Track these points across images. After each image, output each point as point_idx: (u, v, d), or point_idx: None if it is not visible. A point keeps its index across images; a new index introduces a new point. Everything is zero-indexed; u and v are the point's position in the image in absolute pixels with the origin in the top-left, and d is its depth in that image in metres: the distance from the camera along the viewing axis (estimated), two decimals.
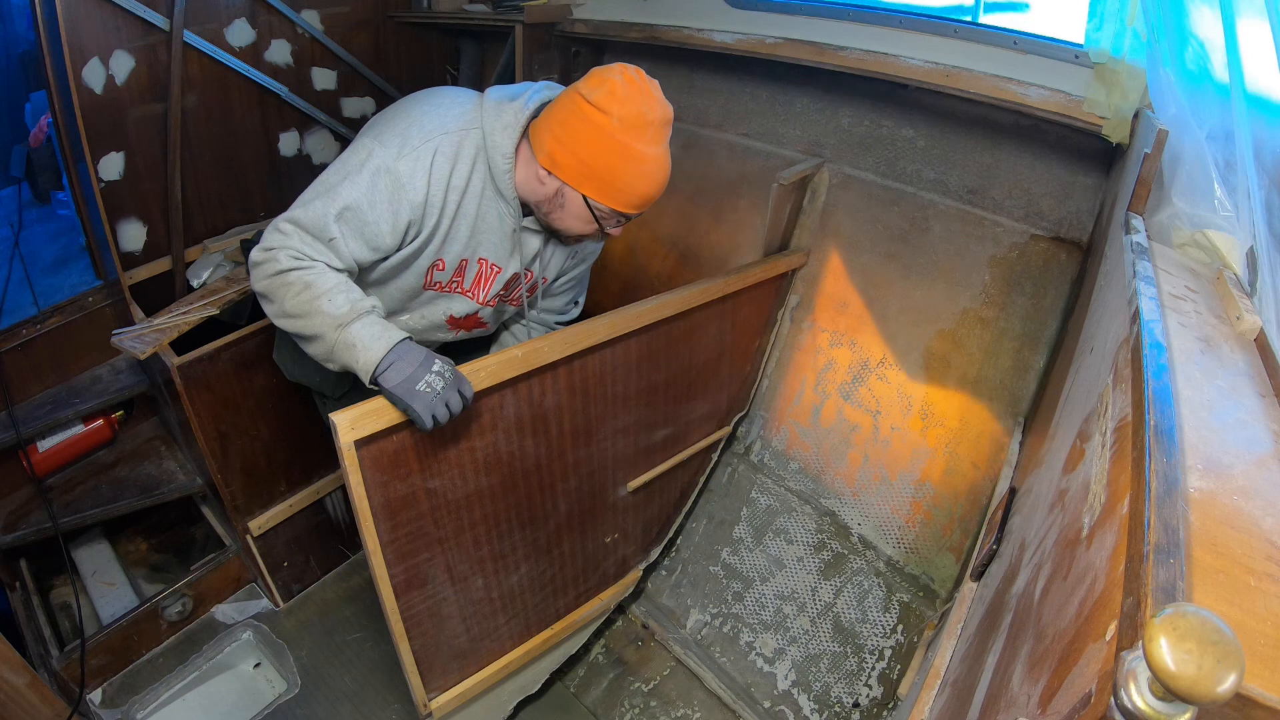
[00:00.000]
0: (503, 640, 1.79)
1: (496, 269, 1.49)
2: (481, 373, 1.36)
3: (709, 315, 1.85)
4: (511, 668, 1.84)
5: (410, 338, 1.30)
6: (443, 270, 1.45)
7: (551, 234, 1.46)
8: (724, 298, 1.86)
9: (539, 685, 2.01)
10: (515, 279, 1.53)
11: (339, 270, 1.31)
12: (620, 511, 1.93)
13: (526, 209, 1.43)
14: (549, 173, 1.32)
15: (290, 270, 1.27)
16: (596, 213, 1.34)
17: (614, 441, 1.77)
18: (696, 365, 1.91)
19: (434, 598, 1.55)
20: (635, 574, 2.12)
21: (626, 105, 1.25)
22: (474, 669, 1.75)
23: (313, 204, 1.27)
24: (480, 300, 1.53)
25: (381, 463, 1.31)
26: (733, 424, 2.20)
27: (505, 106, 1.35)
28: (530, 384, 1.48)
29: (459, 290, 1.50)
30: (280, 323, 1.32)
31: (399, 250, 1.37)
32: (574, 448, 1.67)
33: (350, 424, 1.22)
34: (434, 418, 1.24)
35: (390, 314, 1.52)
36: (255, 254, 1.30)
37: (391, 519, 1.38)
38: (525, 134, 1.35)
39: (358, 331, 1.25)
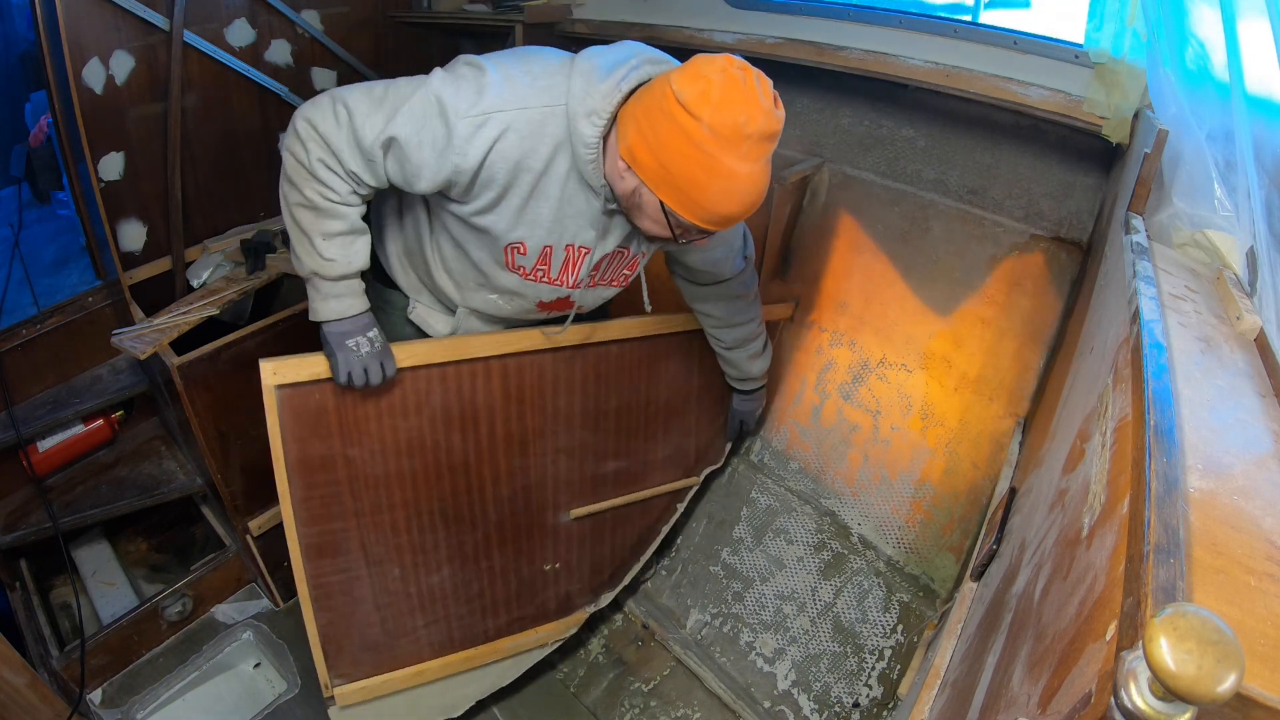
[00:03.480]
0: (420, 645, 1.74)
1: (584, 250, 1.37)
2: (405, 352, 1.44)
3: (669, 348, 1.80)
4: (427, 677, 1.77)
5: (369, 311, 1.37)
6: (524, 255, 1.35)
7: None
8: (685, 333, 1.79)
9: (462, 711, 1.91)
10: (610, 259, 1.42)
11: (360, 193, 1.29)
12: (562, 540, 1.86)
13: None
14: (628, 167, 1.18)
15: (310, 182, 1.25)
16: (672, 220, 1.19)
17: (554, 460, 1.73)
18: (656, 401, 1.85)
19: (346, 573, 1.56)
20: (580, 616, 2.00)
21: (722, 112, 1.06)
22: (387, 667, 1.71)
23: (374, 117, 1.20)
24: (570, 285, 1.43)
25: (303, 418, 1.39)
26: (702, 476, 2.10)
27: (594, 87, 1.17)
28: (460, 372, 1.51)
29: (545, 280, 1.41)
30: (283, 194, 1.31)
31: (454, 204, 1.30)
32: (507, 455, 1.66)
33: (273, 369, 1.34)
34: (350, 375, 1.34)
35: (477, 287, 1.45)
36: (302, 116, 1.24)
37: (307, 477, 1.44)
38: (615, 118, 1.20)
39: (335, 286, 1.32)
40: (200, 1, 2.25)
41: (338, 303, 1.32)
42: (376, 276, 1.54)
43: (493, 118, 1.18)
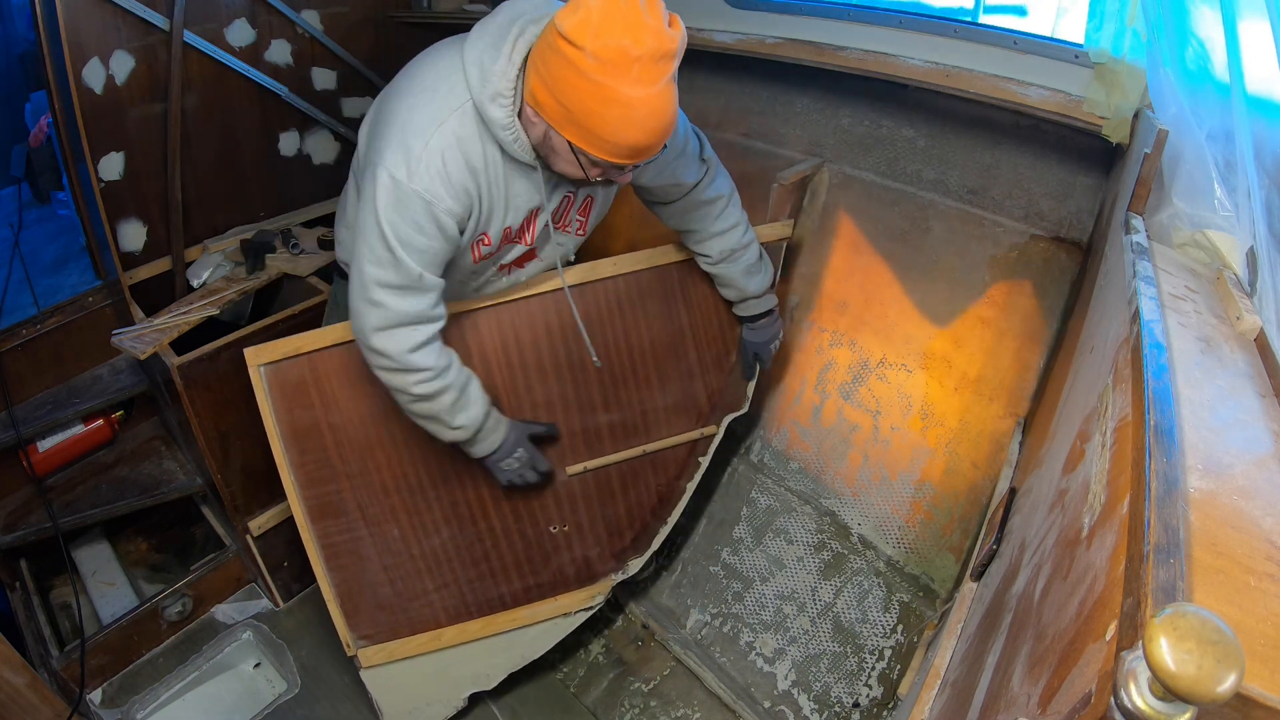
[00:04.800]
0: (435, 610, 1.80)
1: (535, 211, 1.42)
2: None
3: (640, 288, 1.74)
4: (445, 642, 1.82)
5: (509, 429, 1.55)
6: (489, 244, 1.41)
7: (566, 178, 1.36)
8: (654, 269, 1.74)
9: (495, 683, 1.96)
10: (560, 208, 1.46)
11: (435, 315, 1.34)
12: (564, 499, 1.84)
13: None
14: (534, 112, 1.18)
15: (409, 379, 1.34)
16: (582, 159, 1.19)
17: (533, 415, 1.73)
18: (639, 345, 1.78)
19: (349, 533, 1.68)
20: (604, 584, 1.95)
21: (603, 37, 1.04)
22: (404, 630, 1.78)
23: (394, 271, 1.25)
24: (528, 242, 1.48)
25: (286, 391, 1.56)
26: (723, 424, 1.96)
27: (490, 70, 1.19)
28: None
29: (506, 243, 1.47)
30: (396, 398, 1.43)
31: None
32: None
33: (254, 352, 1.53)
34: (511, 482, 1.60)
35: (454, 297, 1.51)
36: (364, 345, 1.33)
37: (299, 443, 1.59)
38: (520, 87, 1.22)
39: (477, 435, 1.48)
40: (200, 1, 2.25)
41: (483, 444, 1.51)
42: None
43: (428, 154, 1.20)
